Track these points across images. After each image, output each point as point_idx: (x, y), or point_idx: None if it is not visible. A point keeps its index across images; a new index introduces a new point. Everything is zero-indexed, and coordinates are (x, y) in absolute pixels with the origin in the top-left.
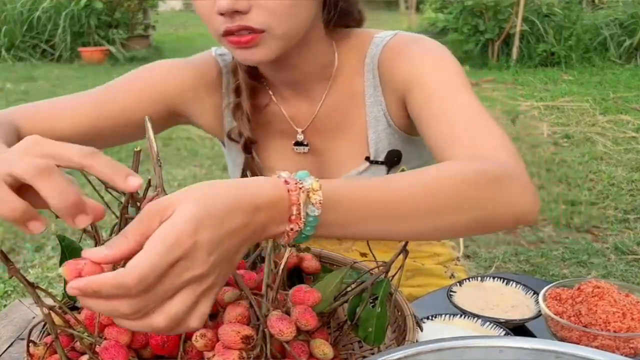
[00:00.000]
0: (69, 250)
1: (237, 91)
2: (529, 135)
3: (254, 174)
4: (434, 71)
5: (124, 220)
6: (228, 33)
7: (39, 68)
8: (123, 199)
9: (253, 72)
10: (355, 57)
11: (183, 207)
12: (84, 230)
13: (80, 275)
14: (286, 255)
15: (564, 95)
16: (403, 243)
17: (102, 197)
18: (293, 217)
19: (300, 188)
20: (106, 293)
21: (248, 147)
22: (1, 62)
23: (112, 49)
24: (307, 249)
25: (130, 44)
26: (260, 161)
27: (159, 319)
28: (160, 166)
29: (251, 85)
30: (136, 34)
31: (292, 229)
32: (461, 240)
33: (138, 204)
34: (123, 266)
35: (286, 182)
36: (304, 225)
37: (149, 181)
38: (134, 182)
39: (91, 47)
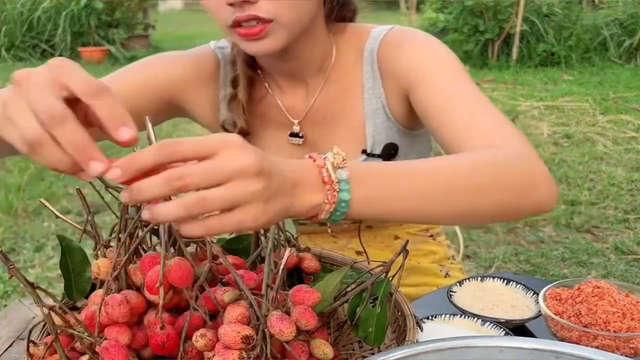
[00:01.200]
0: (69, 250)
1: (234, 82)
2: (529, 135)
3: None
4: (435, 64)
5: (124, 220)
6: (237, 24)
7: None
8: None
9: (251, 63)
10: (353, 50)
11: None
12: (84, 230)
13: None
14: (286, 255)
15: (564, 95)
16: (398, 241)
17: (102, 197)
18: (325, 179)
19: (321, 157)
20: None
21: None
22: (1, 62)
23: (112, 48)
24: (307, 249)
25: (130, 43)
26: None
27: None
28: None
29: (249, 75)
30: (136, 33)
31: (329, 193)
32: (461, 240)
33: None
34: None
35: (310, 156)
36: (338, 189)
37: None
38: (126, 134)
39: (91, 47)
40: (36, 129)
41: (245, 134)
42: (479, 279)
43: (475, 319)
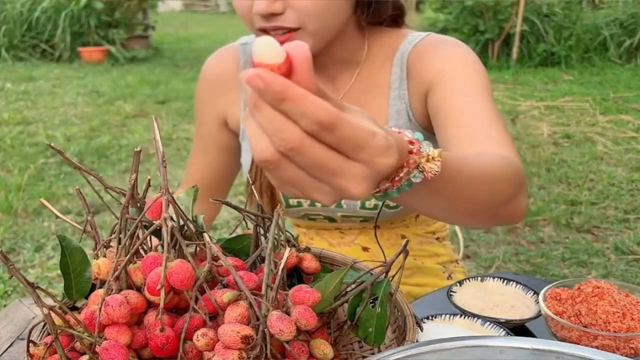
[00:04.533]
0: (69, 250)
1: None
2: (529, 135)
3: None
4: (460, 69)
5: (124, 221)
6: (263, 30)
7: (39, 68)
8: (123, 200)
9: None
10: (385, 51)
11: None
12: (84, 230)
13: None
14: (286, 255)
15: (564, 95)
16: (405, 240)
17: (101, 198)
18: (414, 150)
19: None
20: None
21: None
22: (1, 62)
23: (112, 49)
24: (307, 249)
25: (130, 44)
26: None
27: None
28: (165, 167)
29: None
30: (136, 34)
31: (411, 162)
32: (461, 240)
33: (138, 204)
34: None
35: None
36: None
37: (149, 181)
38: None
39: (91, 47)
40: None
41: None
42: (479, 279)
43: (475, 319)
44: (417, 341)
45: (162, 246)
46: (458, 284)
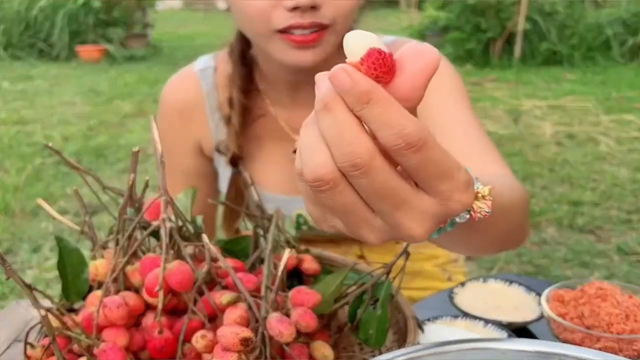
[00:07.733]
0: (67, 251)
1: (231, 103)
2: (531, 134)
3: (238, 189)
4: (437, 81)
5: (122, 221)
6: (291, 28)
7: (37, 67)
8: (121, 200)
9: (248, 87)
10: None
11: None
12: (82, 232)
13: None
14: (286, 256)
15: (567, 94)
16: (400, 245)
17: (99, 199)
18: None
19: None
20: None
21: (234, 162)
22: None
23: (110, 47)
24: (307, 251)
25: (128, 42)
26: (252, 172)
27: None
28: (163, 167)
29: (243, 103)
30: (134, 32)
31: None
32: None
33: (136, 204)
34: None
35: None
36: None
37: (147, 181)
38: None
39: (89, 45)
40: None
41: (238, 158)
42: (481, 280)
43: (477, 321)
44: (418, 343)
45: (160, 247)
46: (460, 286)
